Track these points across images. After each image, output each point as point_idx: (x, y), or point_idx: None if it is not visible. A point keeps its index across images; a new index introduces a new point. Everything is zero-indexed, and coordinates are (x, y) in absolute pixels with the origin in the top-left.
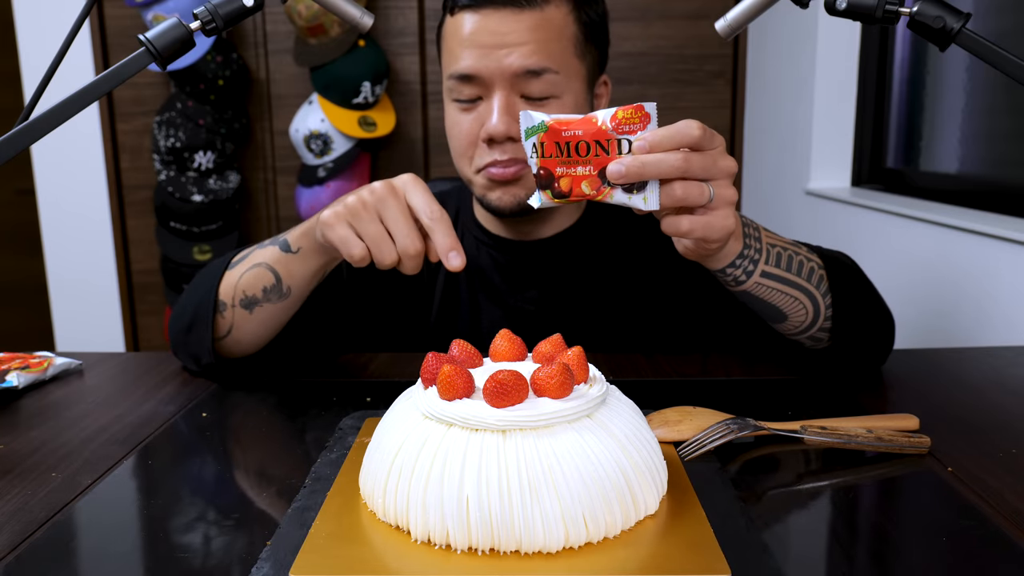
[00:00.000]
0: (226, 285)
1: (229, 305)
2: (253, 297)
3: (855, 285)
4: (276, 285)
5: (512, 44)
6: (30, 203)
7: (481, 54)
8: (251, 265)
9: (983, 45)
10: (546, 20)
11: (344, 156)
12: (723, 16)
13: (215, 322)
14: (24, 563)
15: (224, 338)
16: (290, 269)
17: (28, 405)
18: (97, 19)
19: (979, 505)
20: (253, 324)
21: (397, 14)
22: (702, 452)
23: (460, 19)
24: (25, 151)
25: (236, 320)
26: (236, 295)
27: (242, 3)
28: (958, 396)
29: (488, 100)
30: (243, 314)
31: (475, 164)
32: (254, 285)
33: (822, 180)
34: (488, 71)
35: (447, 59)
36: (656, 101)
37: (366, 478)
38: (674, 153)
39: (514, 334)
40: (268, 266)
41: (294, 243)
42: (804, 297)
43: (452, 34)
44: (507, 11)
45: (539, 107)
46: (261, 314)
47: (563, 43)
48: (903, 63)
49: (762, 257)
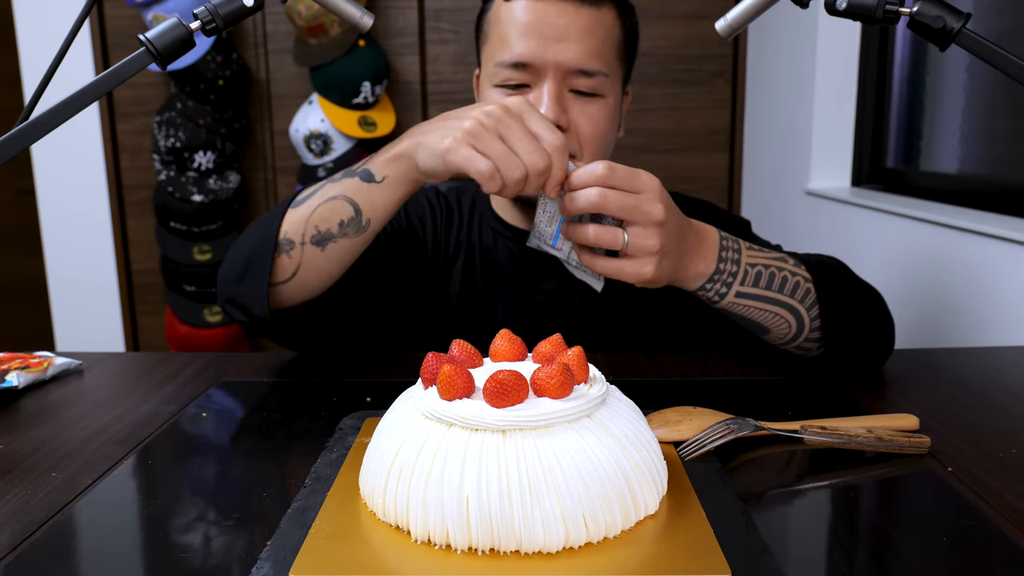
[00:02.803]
0: (293, 222)
1: (297, 243)
2: (327, 232)
3: (845, 293)
4: (355, 218)
5: (571, 39)
6: (30, 203)
7: (540, 44)
8: (325, 198)
9: (983, 45)
10: (600, 20)
11: (344, 156)
12: (723, 16)
13: (277, 264)
14: (24, 563)
15: (287, 281)
16: (372, 200)
17: (28, 405)
18: (97, 19)
19: (979, 505)
20: (323, 262)
21: (397, 14)
22: (702, 452)
23: (517, 5)
24: (25, 151)
25: (305, 259)
26: (307, 231)
27: (242, 3)
28: (958, 396)
29: (538, 88)
30: (314, 252)
31: None
32: (329, 219)
33: (822, 180)
34: (544, 61)
35: (497, 45)
36: (656, 101)
37: (366, 478)
38: (590, 189)
39: (514, 334)
40: (346, 198)
41: (378, 172)
42: (786, 312)
43: (507, 20)
44: (568, 3)
45: (585, 103)
46: (333, 250)
47: (612, 46)
48: (903, 63)
49: (737, 279)
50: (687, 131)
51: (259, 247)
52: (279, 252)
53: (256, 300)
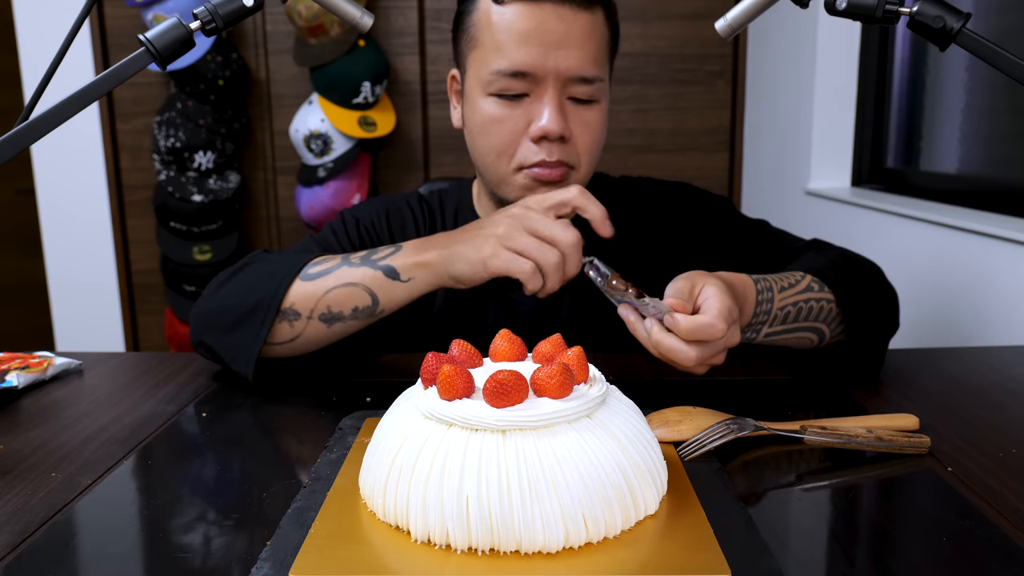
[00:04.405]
0: (303, 296)
1: (304, 317)
2: (339, 314)
3: (865, 297)
4: (371, 307)
5: (571, 46)
6: (30, 203)
7: (540, 52)
8: (342, 282)
9: (983, 45)
10: (595, 24)
11: (344, 156)
12: (723, 16)
13: (276, 328)
14: (24, 563)
15: (281, 345)
16: (393, 295)
17: (28, 405)
18: (97, 19)
19: (979, 505)
20: (325, 335)
21: (397, 14)
22: (702, 452)
23: (512, 11)
24: (25, 151)
25: (308, 331)
26: (317, 308)
27: (242, 3)
28: (958, 396)
29: (538, 98)
30: (319, 327)
31: (517, 161)
32: (343, 303)
33: (822, 180)
34: (545, 70)
35: (491, 51)
36: (656, 101)
37: (366, 478)
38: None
39: (514, 334)
40: (366, 288)
41: (404, 272)
42: (809, 334)
43: (502, 25)
44: (566, 8)
45: (583, 111)
46: (339, 328)
47: (605, 49)
48: (903, 63)
49: (767, 324)
50: (687, 131)
51: (259, 307)
52: (280, 319)
53: (243, 359)
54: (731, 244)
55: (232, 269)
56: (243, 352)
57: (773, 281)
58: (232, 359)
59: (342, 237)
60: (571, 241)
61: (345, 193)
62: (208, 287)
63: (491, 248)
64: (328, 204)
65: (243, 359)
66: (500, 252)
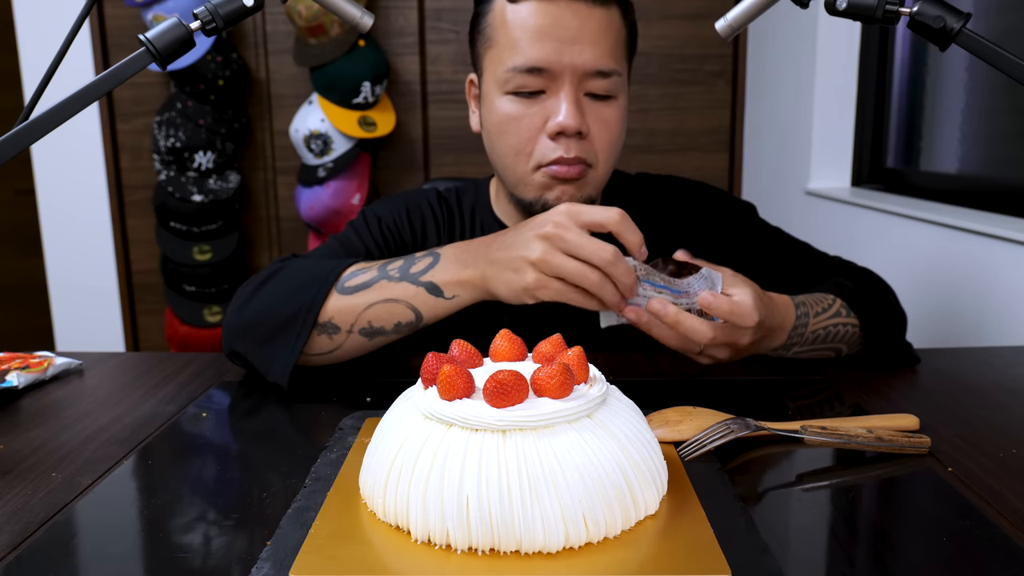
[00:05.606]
0: (342, 311)
1: (344, 330)
2: (380, 328)
3: (886, 322)
4: (413, 322)
5: (586, 40)
6: (30, 203)
7: (555, 47)
8: (383, 298)
9: (983, 45)
10: (611, 19)
11: (344, 156)
12: (723, 16)
13: (313, 340)
14: (24, 563)
15: (319, 355)
16: (436, 310)
17: (28, 405)
18: (97, 19)
19: (979, 505)
20: (365, 347)
21: (397, 14)
22: (702, 452)
23: (527, 8)
24: (25, 151)
25: (348, 344)
26: (358, 323)
27: (242, 3)
28: (958, 396)
29: (555, 94)
30: (360, 340)
31: (535, 160)
32: (386, 319)
33: (822, 180)
34: (560, 65)
35: (506, 49)
36: (656, 101)
37: (366, 478)
38: (704, 332)
39: (514, 334)
40: (409, 304)
41: (448, 290)
42: (831, 353)
43: (516, 23)
44: (580, 4)
45: (601, 107)
46: (380, 341)
47: (621, 45)
48: (903, 63)
49: (798, 344)
50: (687, 131)
51: (295, 319)
52: (319, 332)
53: (278, 370)
54: (753, 251)
55: (260, 279)
56: (278, 363)
57: (810, 306)
58: (267, 370)
59: (365, 237)
60: (609, 259)
61: (345, 193)
62: (236, 297)
63: (533, 278)
64: (328, 204)
65: (278, 370)
66: (546, 283)
